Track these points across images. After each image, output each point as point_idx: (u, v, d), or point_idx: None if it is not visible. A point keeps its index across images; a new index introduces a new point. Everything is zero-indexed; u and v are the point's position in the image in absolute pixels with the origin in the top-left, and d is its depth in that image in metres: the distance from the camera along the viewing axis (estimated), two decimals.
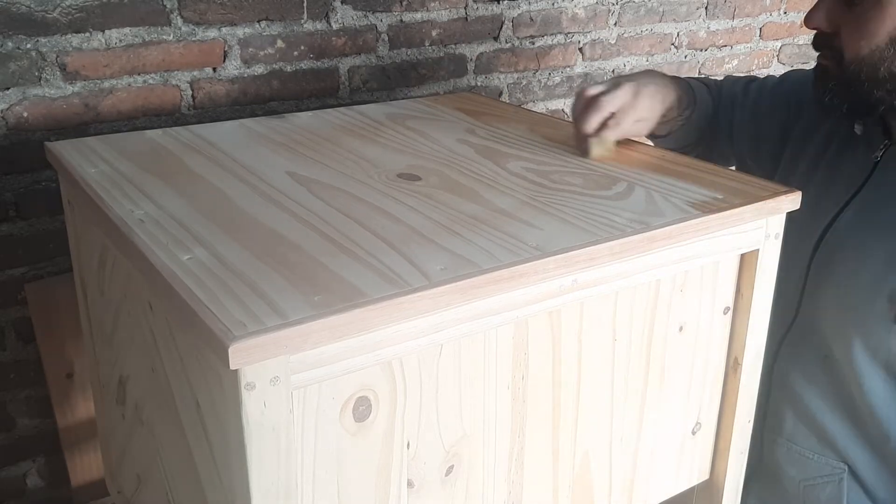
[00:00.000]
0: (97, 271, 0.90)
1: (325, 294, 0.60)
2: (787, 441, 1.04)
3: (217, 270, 0.63)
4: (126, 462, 0.98)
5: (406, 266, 0.65)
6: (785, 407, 1.03)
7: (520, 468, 0.75)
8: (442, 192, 0.81)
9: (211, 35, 1.18)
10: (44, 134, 1.10)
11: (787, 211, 0.83)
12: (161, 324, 0.71)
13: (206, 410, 0.64)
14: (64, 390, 1.18)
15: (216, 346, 0.54)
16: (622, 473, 0.84)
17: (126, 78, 1.14)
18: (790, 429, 1.03)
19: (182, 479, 0.75)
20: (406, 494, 0.68)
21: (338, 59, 1.30)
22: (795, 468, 1.03)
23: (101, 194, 0.79)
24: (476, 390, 0.69)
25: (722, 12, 1.78)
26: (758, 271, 0.83)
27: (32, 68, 1.07)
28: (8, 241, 1.11)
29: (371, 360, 0.61)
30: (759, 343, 0.87)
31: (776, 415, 1.04)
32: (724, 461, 0.91)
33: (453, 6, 1.39)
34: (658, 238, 0.74)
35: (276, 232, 0.71)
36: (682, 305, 0.81)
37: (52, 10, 1.06)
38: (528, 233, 0.72)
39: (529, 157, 0.93)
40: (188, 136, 1.00)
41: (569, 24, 1.55)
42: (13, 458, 1.21)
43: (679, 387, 0.85)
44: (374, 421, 0.64)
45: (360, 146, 0.97)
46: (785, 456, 1.04)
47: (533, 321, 0.70)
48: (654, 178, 0.87)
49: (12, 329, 1.15)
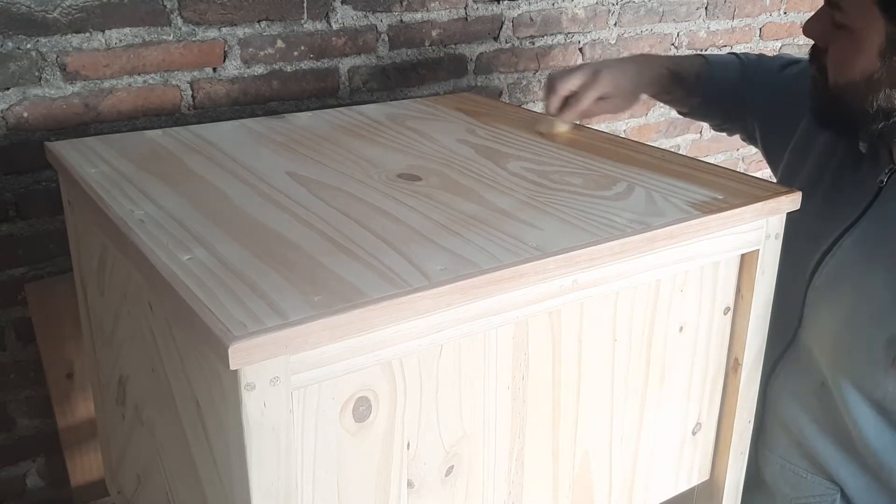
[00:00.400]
0: (97, 271, 0.90)
1: (325, 294, 0.60)
2: (780, 458, 1.02)
3: (217, 270, 0.63)
4: (126, 462, 0.98)
5: (406, 266, 0.65)
6: (778, 429, 1.02)
7: (520, 468, 0.75)
8: (442, 193, 0.81)
9: (211, 35, 1.18)
10: (44, 134, 1.10)
11: (788, 211, 0.83)
12: (161, 324, 0.71)
13: (206, 410, 0.64)
14: (64, 390, 1.18)
15: (216, 347, 0.54)
16: (622, 474, 0.84)
17: (126, 78, 1.14)
18: (783, 448, 1.02)
19: (182, 479, 0.75)
20: (406, 494, 0.68)
21: (338, 59, 1.30)
22: (789, 486, 1.02)
23: (101, 194, 0.79)
24: (476, 390, 0.69)
25: (722, 12, 1.78)
26: (758, 271, 0.83)
27: (32, 68, 1.07)
28: (8, 241, 1.11)
29: (371, 360, 0.61)
30: (759, 343, 0.87)
31: (770, 433, 1.03)
32: (724, 461, 0.91)
33: (453, 6, 1.39)
34: (658, 238, 0.74)
35: (276, 232, 0.71)
36: (683, 305, 0.81)
37: (52, 10, 1.06)
38: (528, 233, 0.72)
39: (529, 158, 0.93)
40: (188, 136, 1.00)
41: (569, 25, 1.55)
42: (13, 458, 1.21)
43: (679, 387, 0.85)
44: (374, 421, 0.64)
45: (360, 146, 0.97)
46: (778, 473, 1.02)
47: (533, 321, 0.70)
48: (655, 178, 0.87)
49: (12, 329, 1.15)
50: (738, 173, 0.89)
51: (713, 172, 0.89)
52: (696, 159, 0.94)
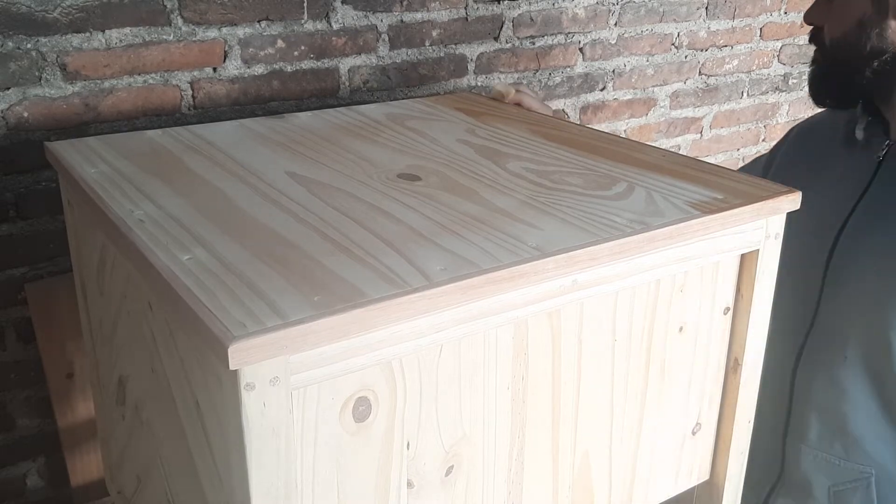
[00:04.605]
0: (97, 271, 0.90)
1: (324, 294, 0.60)
2: (814, 450, 1.04)
3: (217, 270, 0.63)
4: (126, 462, 0.98)
5: (406, 266, 0.65)
6: (810, 414, 1.03)
7: (520, 468, 0.75)
8: (442, 193, 0.81)
9: (211, 35, 1.18)
10: (44, 134, 1.10)
11: (788, 211, 0.83)
12: (161, 324, 0.71)
13: (206, 410, 0.64)
14: (64, 390, 1.18)
15: (216, 347, 0.54)
16: (622, 474, 0.84)
17: (126, 78, 1.14)
18: (815, 436, 1.03)
19: (182, 480, 0.75)
20: (406, 495, 0.68)
21: (338, 59, 1.30)
22: (824, 475, 1.03)
23: (101, 194, 0.79)
24: (476, 391, 0.69)
25: (722, 12, 1.78)
26: (758, 271, 0.83)
27: (33, 68, 1.07)
28: (8, 241, 1.11)
29: (371, 360, 0.61)
30: (759, 343, 0.87)
31: (800, 423, 1.04)
32: (725, 461, 0.91)
33: (453, 6, 1.39)
34: (658, 238, 0.74)
35: (276, 232, 0.71)
36: (682, 306, 0.81)
37: (53, 10, 1.06)
38: (528, 233, 0.71)
39: (529, 158, 0.93)
40: (188, 136, 1.00)
41: (569, 25, 1.55)
42: (13, 458, 1.21)
43: (679, 387, 0.85)
44: (373, 421, 0.64)
45: (360, 146, 0.97)
46: (812, 464, 1.04)
47: (533, 321, 0.70)
48: (654, 178, 0.87)
49: (12, 329, 1.15)
50: (738, 173, 0.89)
51: (713, 172, 0.89)
52: (697, 159, 0.94)
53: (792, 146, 1.18)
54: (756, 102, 1.95)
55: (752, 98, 1.93)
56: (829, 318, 1.01)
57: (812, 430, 1.03)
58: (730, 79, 1.87)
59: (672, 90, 1.77)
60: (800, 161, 1.13)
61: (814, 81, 1.04)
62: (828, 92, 1.03)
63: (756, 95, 1.94)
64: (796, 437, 1.05)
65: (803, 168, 1.10)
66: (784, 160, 1.17)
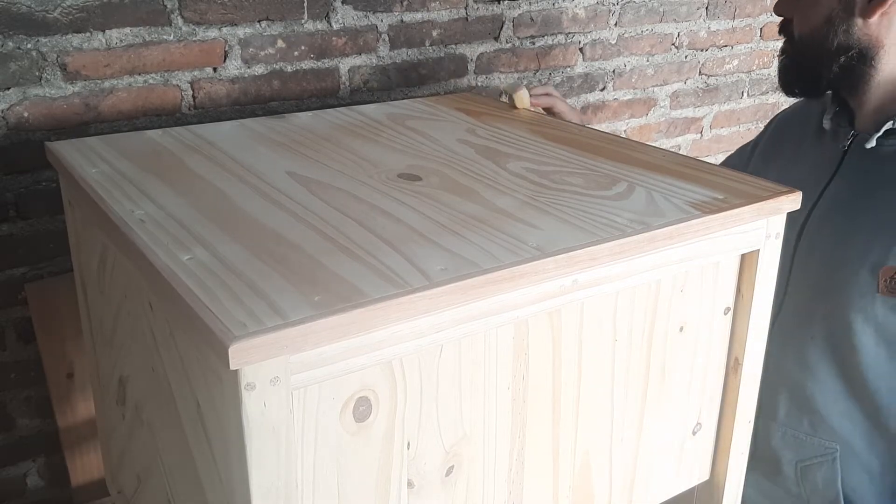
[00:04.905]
0: (97, 271, 0.90)
1: (324, 294, 0.60)
2: (782, 426, 1.08)
3: (217, 270, 0.63)
4: (126, 462, 0.98)
5: (406, 266, 0.65)
6: (780, 391, 1.07)
7: (520, 468, 0.75)
8: (442, 192, 0.81)
9: (211, 35, 1.18)
10: (44, 134, 1.10)
11: (788, 211, 0.83)
12: (161, 324, 0.71)
13: (206, 410, 0.64)
14: (64, 390, 1.18)
15: (216, 346, 0.54)
16: (622, 474, 0.84)
17: (126, 78, 1.14)
18: (784, 413, 1.08)
19: (182, 480, 0.75)
20: (406, 494, 0.68)
21: (338, 59, 1.30)
22: (791, 451, 1.08)
23: (101, 194, 0.79)
24: (476, 391, 0.69)
25: (722, 12, 1.77)
26: (758, 271, 0.83)
27: (33, 68, 1.07)
28: (8, 241, 1.11)
29: (371, 360, 0.61)
30: (759, 343, 0.87)
31: (770, 401, 1.08)
32: (725, 461, 0.91)
33: (454, 6, 1.39)
34: (658, 238, 0.74)
35: (276, 232, 0.71)
36: (683, 306, 0.81)
37: (53, 10, 1.06)
38: (529, 233, 0.71)
39: (530, 158, 0.93)
40: (188, 136, 1.00)
41: (569, 25, 1.55)
42: (13, 458, 1.21)
43: (679, 387, 0.85)
44: (374, 421, 0.64)
45: (360, 146, 0.97)
46: (780, 441, 1.09)
47: (533, 321, 0.70)
48: (655, 178, 0.87)
49: (12, 329, 1.15)
50: (739, 173, 0.89)
51: (713, 172, 0.89)
52: (697, 159, 0.94)
53: (773, 134, 1.22)
54: (756, 102, 1.95)
55: (752, 98, 1.93)
56: (796, 300, 1.05)
57: (781, 408, 1.08)
58: (730, 79, 1.87)
59: (672, 90, 1.77)
60: (779, 149, 1.17)
61: (783, 72, 1.08)
62: (796, 82, 1.07)
63: (756, 95, 1.94)
64: (767, 414, 1.09)
65: (781, 156, 1.15)
66: (764, 148, 1.21)
